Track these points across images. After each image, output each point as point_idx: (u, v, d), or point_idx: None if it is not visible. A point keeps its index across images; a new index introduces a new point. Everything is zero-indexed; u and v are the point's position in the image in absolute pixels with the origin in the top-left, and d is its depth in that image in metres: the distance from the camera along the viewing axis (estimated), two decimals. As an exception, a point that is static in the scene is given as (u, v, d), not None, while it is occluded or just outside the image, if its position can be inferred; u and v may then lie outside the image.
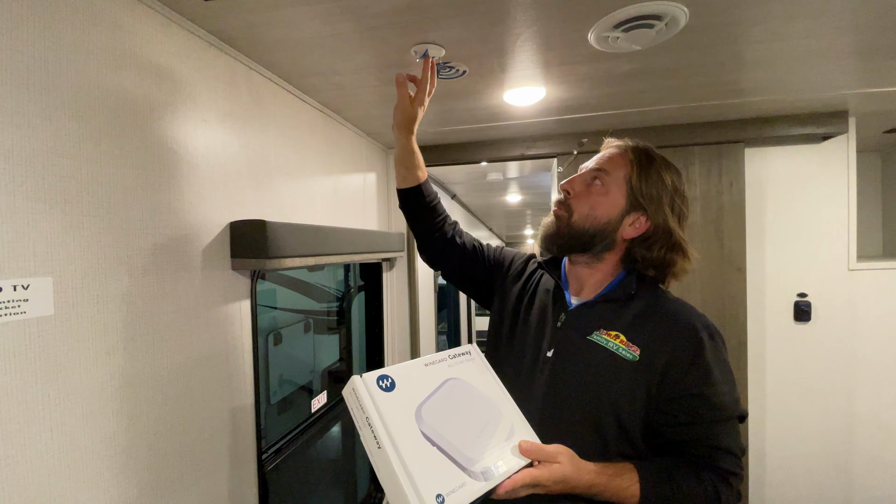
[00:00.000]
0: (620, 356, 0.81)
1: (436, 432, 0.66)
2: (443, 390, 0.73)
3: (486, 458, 0.67)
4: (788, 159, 1.88)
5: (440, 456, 0.65)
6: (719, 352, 0.81)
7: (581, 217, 0.88)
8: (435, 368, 0.76)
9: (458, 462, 0.65)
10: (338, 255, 1.38)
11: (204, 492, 0.92)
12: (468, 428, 0.70)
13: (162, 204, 0.84)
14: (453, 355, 0.80)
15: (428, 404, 0.70)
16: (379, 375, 0.68)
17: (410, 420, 0.66)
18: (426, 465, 0.62)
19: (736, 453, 0.79)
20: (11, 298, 0.59)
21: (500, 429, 0.73)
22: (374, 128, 1.77)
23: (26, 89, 0.62)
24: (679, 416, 0.79)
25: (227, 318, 1.00)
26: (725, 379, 0.80)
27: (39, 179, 0.63)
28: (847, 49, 1.16)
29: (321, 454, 1.74)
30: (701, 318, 0.84)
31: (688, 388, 0.78)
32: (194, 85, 0.93)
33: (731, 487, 0.78)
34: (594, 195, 0.88)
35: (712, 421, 0.78)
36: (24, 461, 0.61)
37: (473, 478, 0.64)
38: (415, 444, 0.64)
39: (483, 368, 0.82)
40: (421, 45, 1.03)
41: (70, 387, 0.67)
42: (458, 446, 0.66)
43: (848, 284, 1.85)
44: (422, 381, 0.72)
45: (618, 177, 0.87)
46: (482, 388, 0.78)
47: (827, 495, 1.88)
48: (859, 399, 1.86)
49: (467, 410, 0.73)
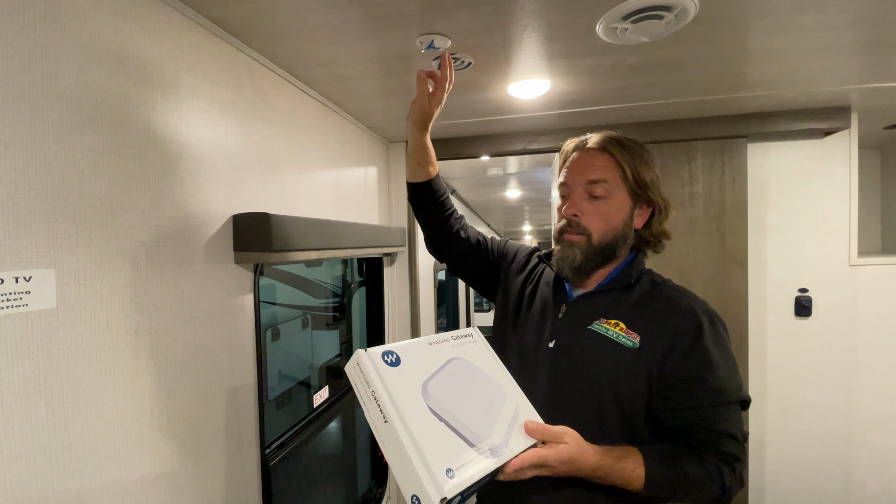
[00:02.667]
0: (621, 344, 0.82)
1: (443, 408, 0.65)
2: (447, 368, 0.72)
3: (493, 436, 0.66)
4: (790, 154, 1.88)
5: (448, 431, 0.63)
6: (719, 336, 0.81)
7: (601, 233, 0.87)
8: (439, 348, 0.74)
9: (466, 438, 0.64)
10: (340, 250, 1.37)
11: (207, 486, 0.91)
12: (474, 406, 0.68)
13: (164, 196, 0.82)
14: (456, 336, 0.79)
15: (434, 381, 0.68)
16: (384, 351, 0.67)
17: (417, 395, 0.65)
18: (435, 440, 0.61)
19: (738, 438, 0.78)
20: (13, 291, 0.58)
21: (505, 409, 0.72)
22: (375, 121, 1.76)
23: (27, 77, 0.60)
24: (680, 400, 0.79)
25: (230, 311, 0.99)
26: (726, 363, 0.79)
27: (41, 168, 0.62)
28: (853, 43, 1.16)
29: (322, 450, 1.73)
30: (701, 304, 0.84)
31: (688, 373, 0.78)
32: (196, 75, 0.91)
33: (735, 472, 0.77)
34: (603, 207, 0.87)
35: (713, 405, 0.78)
36: (27, 456, 0.59)
37: (482, 454, 0.63)
38: (422, 419, 0.62)
39: (485, 351, 0.81)
40: (426, 36, 1.02)
41: (73, 381, 0.65)
42: (465, 423, 0.65)
43: (849, 280, 1.85)
44: (426, 358, 0.71)
45: (615, 179, 0.87)
46: (485, 370, 0.77)
47: (826, 489, 1.90)
48: (859, 394, 1.87)
49: (472, 389, 0.71)
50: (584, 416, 0.81)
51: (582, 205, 0.88)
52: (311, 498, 1.59)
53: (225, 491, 0.96)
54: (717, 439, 0.77)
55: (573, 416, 0.80)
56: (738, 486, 0.78)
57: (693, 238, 1.86)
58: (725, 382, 0.78)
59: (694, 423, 0.79)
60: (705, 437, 0.78)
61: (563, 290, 0.94)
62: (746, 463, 0.81)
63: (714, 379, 0.78)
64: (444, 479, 0.57)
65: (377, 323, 2.02)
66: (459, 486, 0.57)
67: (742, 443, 0.79)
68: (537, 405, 0.79)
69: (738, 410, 0.80)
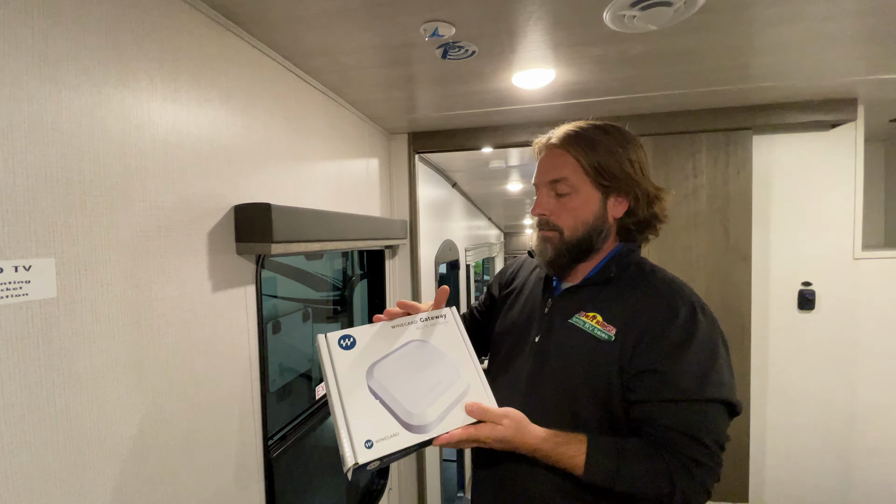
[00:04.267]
0: (596, 336, 0.81)
1: (382, 387, 0.74)
2: (401, 351, 0.80)
3: (429, 413, 0.73)
4: (796, 147, 1.86)
5: (381, 409, 0.72)
6: (697, 329, 0.76)
7: (571, 229, 0.87)
8: (401, 330, 0.82)
9: (397, 415, 0.72)
10: (342, 241, 1.36)
11: (211, 477, 0.91)
12: (417, 386, 0.76)
13: (164, 186, 0.81)
14: (425, 318, 0.84)
15: (382, 363, 0.77)
16: (342, 335, 0.77)
17: (360, 376, 0.75)
18: (364, 415, 0.70)
19: (703, 441, 0.71)
20: (13, 280, 0.57)
21: (453, 390, 0.77)
22: (377, 112, 1.74)
23: (25, 61, 0.59)
24: (639, 392, 0.76)
25: (233, 303, 0.98)
26: (697, 358, 0.74)
27: (40, 156, 0.61)
28: (860, 33, 1.14)
29: (324, 442, 1.73)
30: (685, 295, 0.80)
31: (650, 364, 0.75)
32: (196, 63, 0.89)
33: (692, 477, 0.70)
34: (569, 204, 0.86)
35: (672, 400, 0.73)
36: (29, 447, 0.59)
37: (408, 430, 0.71)
38: (358, 396, 0.72)
39: (454, 332, 0.85)
40: (430, 24, 1.00)
41: (74, 372, 0.65)
42: (400, 401, 0.73)
43: (853, 273, 1.84)
44: (384, 341, 0.80)
45: (576, 174, 0.85)
46: (446, 351, 0.82)
47: (826, 483, 1.90)
48: (861, 388, 1.87)
49: (421, 370, 0.78)
50: (559, 408, 0.81)
51: (548, 203, 0.88)
52: (314, 490, 1.59)
53: (228, 482, 0.96)
54: (673, 438, 0.72)
55: (548, 407, 0.81)
56: (698, 493, 0.71)
57: (697, 231, 1.85)
58: (690, 377, 0.73)
59: (648, 418, 0.75)
60: (661, 434, 0.73)
61: (551, 285, 0.94)
62: (713, 470, 0.71)
63: (675, 374, 0.73)
64: (362, 448, 0.67)
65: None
66: (375, 454, 0.67)
67: (708, 447, 0.71)
68: (517, 397, 0.81)
69: (711, 411, 0.73)
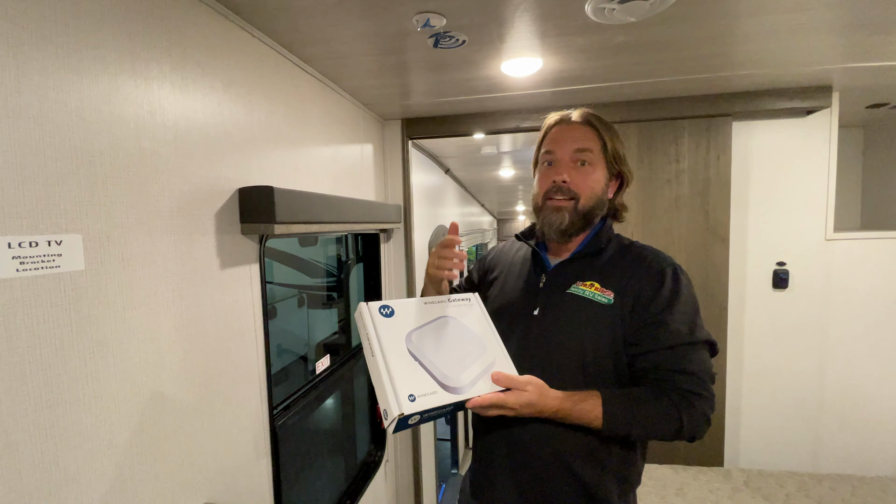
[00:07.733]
0: (597, 301, 0.90)
1: (420, 351, 0.81)
2: (435, 323, 0.87)
3: (462, 378, 0.80)
4: (773, 133, 1.94)
5: (420, 369, 0.79)
6: (679, 283, 0.88)
7: (587, 198, 0.95)
8: (434, 306, 0.90)
9: (434, 377, 0.78)
10: (340, 224, 1.42)
11: (221, 438, 0.98)
12: (450, 354, 0.83)
13: (175, 168, 0.87)
14: (454, 299, 0.92)
15: (419, 331, 0.84)
16: (382, 304, 0.85)
17: (400, 339, 0.81)
18: (406, 372, 0.77)
19: (699, 375, 0.83)
20: (47, 253, 0.63)
21: (481, 361, 0.85)
22: (371, 98, 1.79)
23: (50, 52, 0.64)
24: (643, 344, 0.86)
25: (239, 278, 1.05)
26: (685, 309, 0.87)
27: (66, 140, 0.66)
28: (832, 23, 1.20)
29: (324, 419, 1.82)
30: (666, 259, 0.93)
31: (651, 317, 0.86)
32: (200, 51, 0.94)
33: (693, 406, 0.82)
34: (588, 174, 0.95)
35: (671, 346, 0.84)
36: (64, 404, 0.66)
37: (445, 389, 0.77)
38: (399, 357, 0.79)
39: (480, 314, 0.93)
40: (422, 15, 1.06)
41: (101, 337, 0.71)
42: (437, 365, 0.80)
43: (824, 254, 1.94)
44: (419, 313, 0.87)
45: (597, 151, 0.95)
46: (474, 329, 0.89)
47: (797, 450, 2.03)
48: (830, 362, 1.99)
49: (453, 342, 0.85)
50: (569, 373, 0.89)
51: (572, 172, 0.95)
52: (315, 460, 1.68)
53: (237, 445, 1.03)
54: (675, 377, 0.83)
55: (559, 373, 0.88)
56: (700, 421, 0.83)
57: (678, 214, 1.94)
58: (683, 325, 0.85)
59: (654, 365, 0.85)
60: (665, 376, 0.84)
61: (541, 261, 1.02)
62: (710, 400, 0.84)
63: (673, 322, 0.85)
64: (406, 401, 0.73)
65: (375, 298, 2.09)
66: (417, 407, 0.73)
67: (703, 379, 0.84)
68: (525, 368, 0.87)
69: (699, 350, 0.86)
